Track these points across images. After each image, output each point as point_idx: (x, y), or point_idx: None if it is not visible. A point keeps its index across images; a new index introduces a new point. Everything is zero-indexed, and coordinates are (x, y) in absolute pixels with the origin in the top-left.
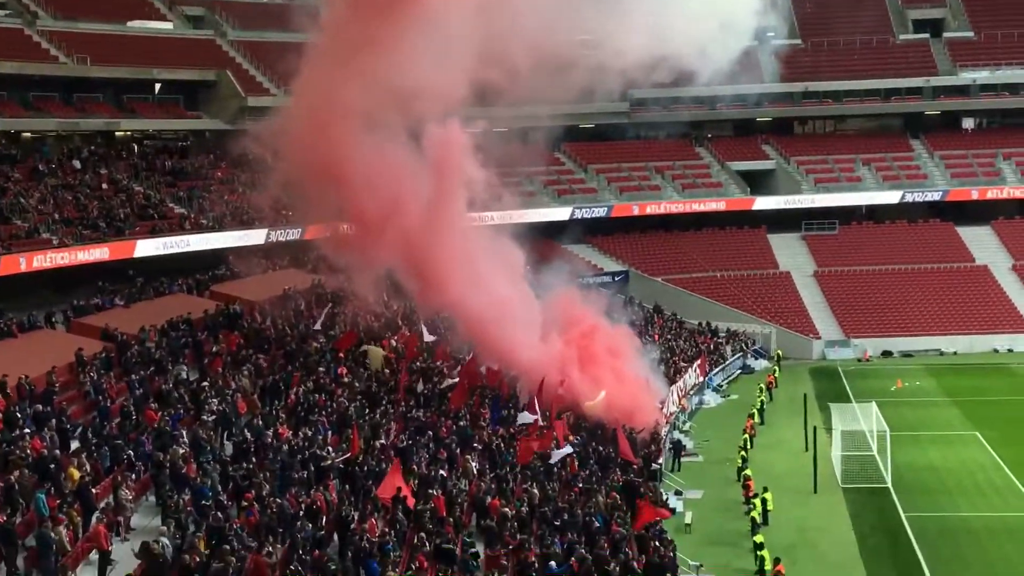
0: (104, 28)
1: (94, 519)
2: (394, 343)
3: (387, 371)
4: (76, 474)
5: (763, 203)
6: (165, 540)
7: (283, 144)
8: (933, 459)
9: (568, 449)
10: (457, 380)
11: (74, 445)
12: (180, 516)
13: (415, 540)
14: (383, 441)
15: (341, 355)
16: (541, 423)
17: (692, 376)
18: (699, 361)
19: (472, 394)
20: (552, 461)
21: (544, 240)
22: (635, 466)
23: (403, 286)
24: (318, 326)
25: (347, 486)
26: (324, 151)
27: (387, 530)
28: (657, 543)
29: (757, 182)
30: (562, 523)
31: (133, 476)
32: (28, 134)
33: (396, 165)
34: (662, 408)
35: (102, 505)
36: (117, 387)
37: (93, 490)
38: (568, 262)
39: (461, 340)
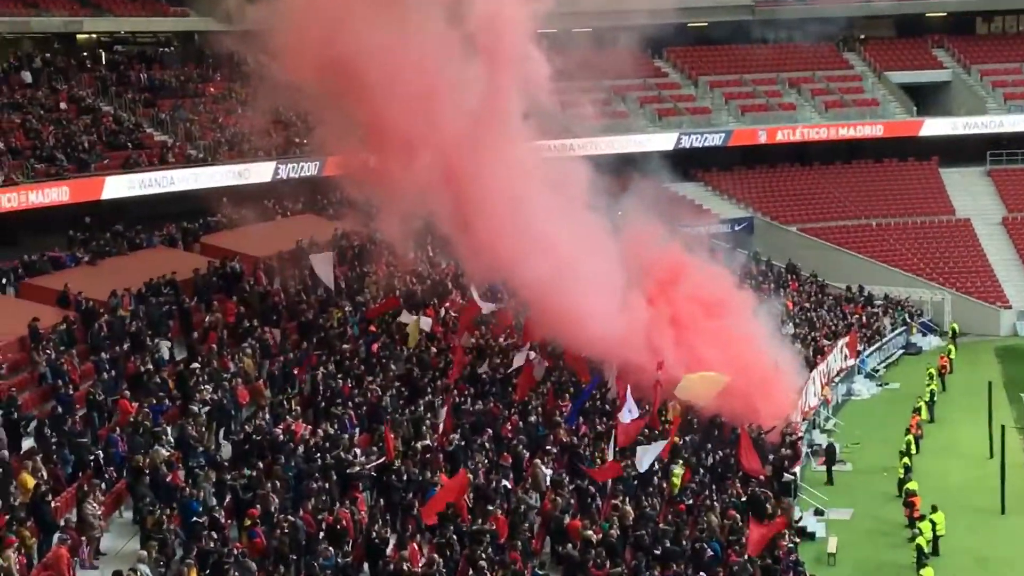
0: None
1: (54, 540)
2: (443, 312)
3: (433, 349)
4: (30, 482)
5: (934, 127)
6: (145, 568)
7: (286, 40)
8: None
9: (659, 446)
10: (525, 361)
11: (27, 444)
12: (164, 537)
13: (470, 572)
14: (428, 442)
15: (373, 328)
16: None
17: (838, 358)
18: (847, 338)
19: (545, 381)
20: (642, 468)
21: (639, 177)
22: (760, 477)
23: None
24: (331, 286)
25: (381, 500)
26: (334, 43)
27: (434, 558)
28: None
29: (926, 99)
30: (664, 551)
31: (103, 485)
32: None
33: (429, 57)
34: (799, 400)
35: (63, 522)
36: (81, 369)
37: (52, 503)
38: (671, 206)
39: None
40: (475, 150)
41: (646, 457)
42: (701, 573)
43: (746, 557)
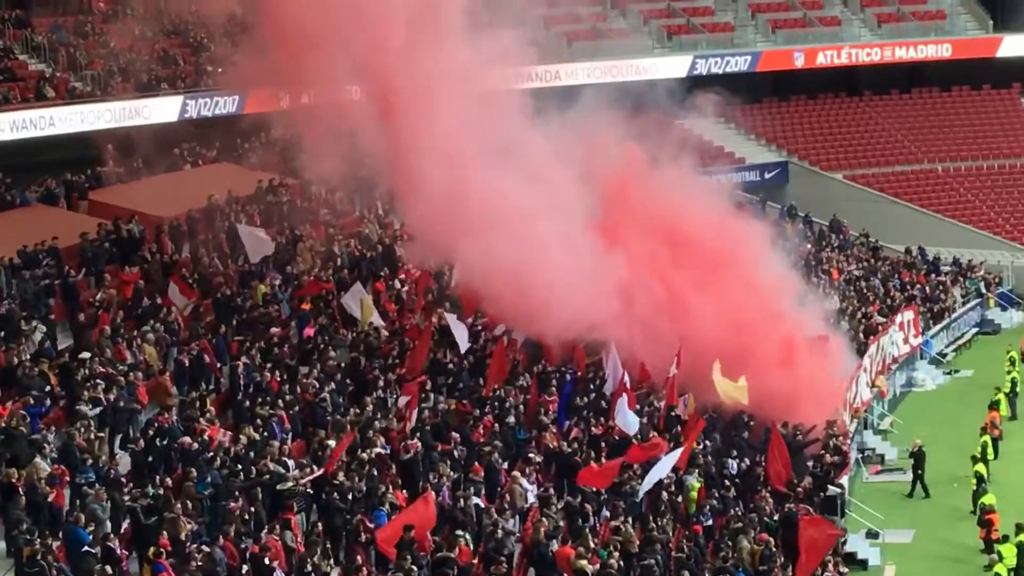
0: None
1: None
2: (397, 285)
3: (384, 333)
4: None
5: (1015, 46)
6: None
7: None
8: None
9: (672, 457)
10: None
11: None
12: (44, 571)
13: None
14: (380, 449)
15: (307, 306)
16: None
17: (895, 340)
18: (907, 315)
19: (529, 370)
20: (648, 483)
21: (646, 110)
22: (798, 490)
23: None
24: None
25: (319, 523)
26: None
27: None
28: None
29: (1006, 11)
30: None
31: None
32: None
33: None
34: (847, 393)
35: None
36: None
37: None
38: (686, 147)
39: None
40: (414, 73)
41: (656, 471)
42: None
43: None
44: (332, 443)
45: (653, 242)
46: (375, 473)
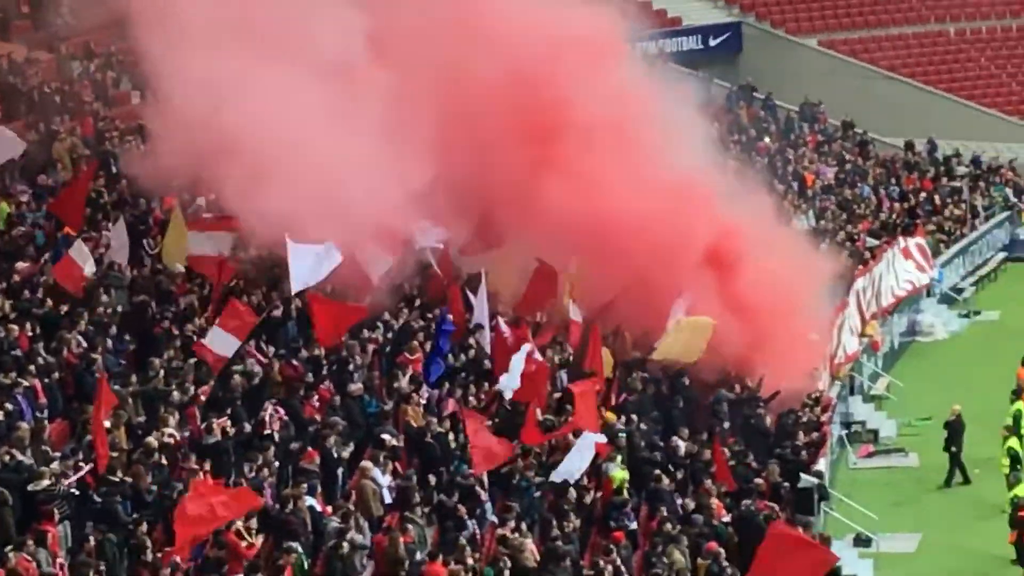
0: None
1: None
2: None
3: (179, 266)
4: None
5: None
6: None
7: None
8: None
9: (590, 440)
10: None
11: None
12: None
13: None
14: (173, 431)
15: (70, 231)
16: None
17: (893, 269)
18: (909, 236)
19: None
20: (563, 473)
21: None
22: (758, 481)
23: None
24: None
25: (91, 537)
26: None
27: None
28: None
29: None
30: None
31: None
32: None
33: None
34: (825, 345)
35: None
36: None
37: None
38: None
39: None
40: None
41: (575, 461)
42: None
43: None
44: (106, 424)
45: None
46: (165, 463)
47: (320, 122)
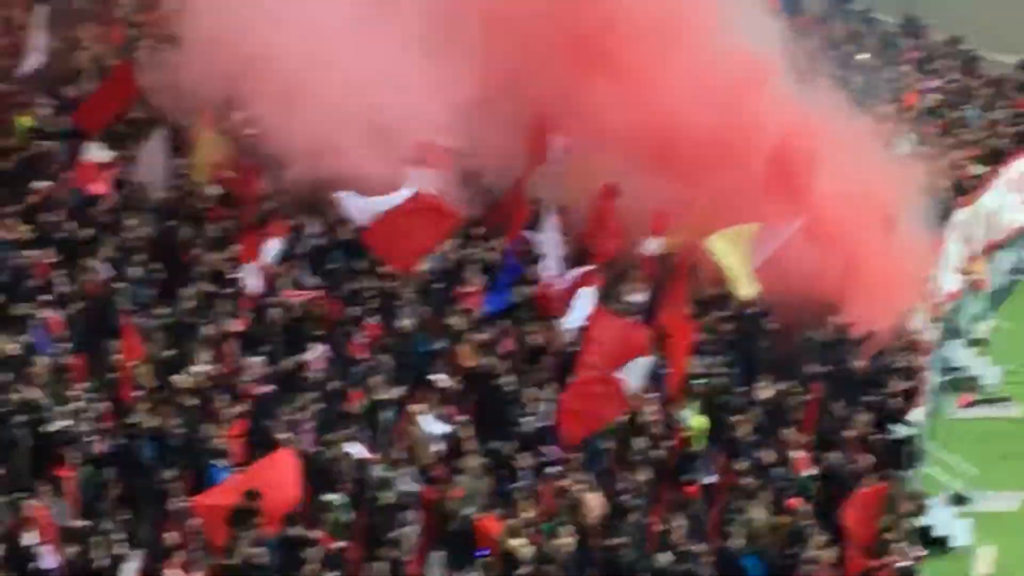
0: None
1: None
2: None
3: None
4: None
5: None
6: None
7: None
8: None
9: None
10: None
11: None
12: None
13: None
14: (207, 367)
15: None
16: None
17: (1003, 201)
18: (1019, 162)
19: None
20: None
21: None
22: (847, 432)
23: None
24: None
25: (110, 480)
26: None
27: None
28: None
29: None
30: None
31: None
32: None
33: None
34: (923, 283)
35: None
36: None
37: None
38: None
39: None
40: None
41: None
42: None
43: None
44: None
45: None
46: (197, 407)
47: (355, 35)
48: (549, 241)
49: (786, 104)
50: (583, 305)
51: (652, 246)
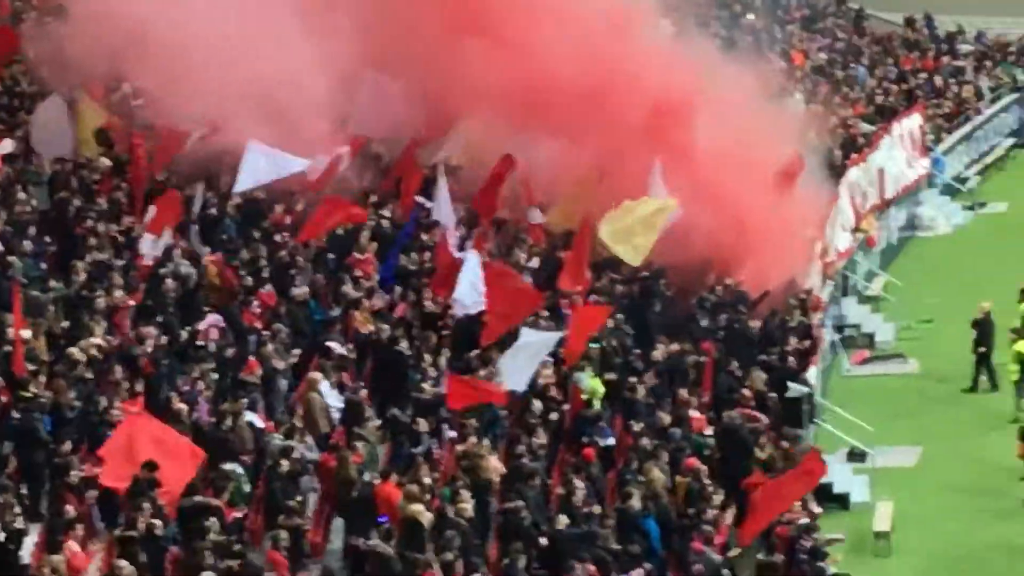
0: None
1: None
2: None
3: (103, 162)
4: None
5: None
6: None
7: None
8: None
9: (550, 336)
10: None
11: None
12: None
13: None
14: (100, 340)
15: None
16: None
17: (890, 158)
18: (909, 119)
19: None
20: (519, 385)
21: None
22: (744, 391)
23: None
24: None
25: (11, 457)
26: None
27: (119, 567)
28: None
29: None
30: (556, 537)
31: None
32: None
33: None
34: (815, 241)
35: None
36: None
37: None
38: None
39: None
40: None
41: (523, 359)
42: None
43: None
44: (26, 334)
45: None
46: (90, 378)
47: (237, 9)
48: (441, 206)
49: (668, 62)
50: (472, 269)
51: (537, 216)
